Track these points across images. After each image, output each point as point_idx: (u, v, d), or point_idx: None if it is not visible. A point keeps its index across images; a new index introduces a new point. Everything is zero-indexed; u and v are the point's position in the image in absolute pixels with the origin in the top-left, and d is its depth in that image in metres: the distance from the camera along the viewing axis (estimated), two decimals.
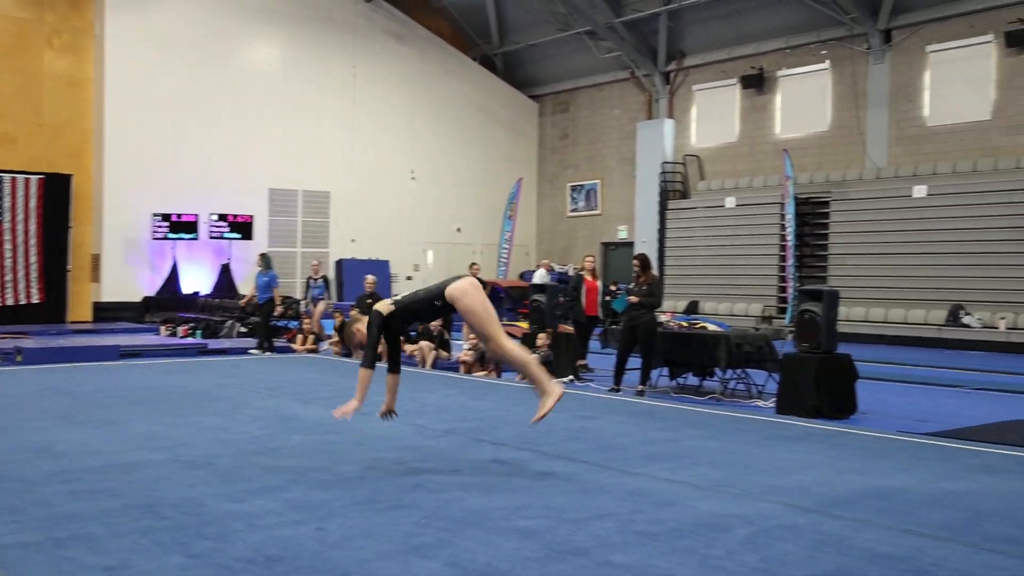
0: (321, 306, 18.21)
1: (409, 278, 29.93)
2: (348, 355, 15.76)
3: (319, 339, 17.46)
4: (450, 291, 6.12)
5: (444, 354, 14.41)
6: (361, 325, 6.31)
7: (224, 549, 4.28)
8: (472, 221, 31.46)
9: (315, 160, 27.84)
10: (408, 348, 14.68)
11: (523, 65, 32.94)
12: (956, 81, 22.03)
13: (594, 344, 14.82)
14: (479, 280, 6.04)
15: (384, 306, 6.19)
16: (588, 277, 14.37)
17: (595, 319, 14.51)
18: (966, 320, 20.06)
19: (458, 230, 31.31)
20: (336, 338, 16.31)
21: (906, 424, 9.19)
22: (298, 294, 22.97)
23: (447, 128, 30.94)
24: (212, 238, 25.38)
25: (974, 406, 11.14)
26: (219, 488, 5.49)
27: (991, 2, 21.39)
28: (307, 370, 12.75)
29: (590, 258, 15.00)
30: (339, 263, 28.29)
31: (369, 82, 29.19)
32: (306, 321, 17.51)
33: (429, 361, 14.17)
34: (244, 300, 19.35)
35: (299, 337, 17.44)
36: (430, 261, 30.72)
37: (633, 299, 11.56)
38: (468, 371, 13.49)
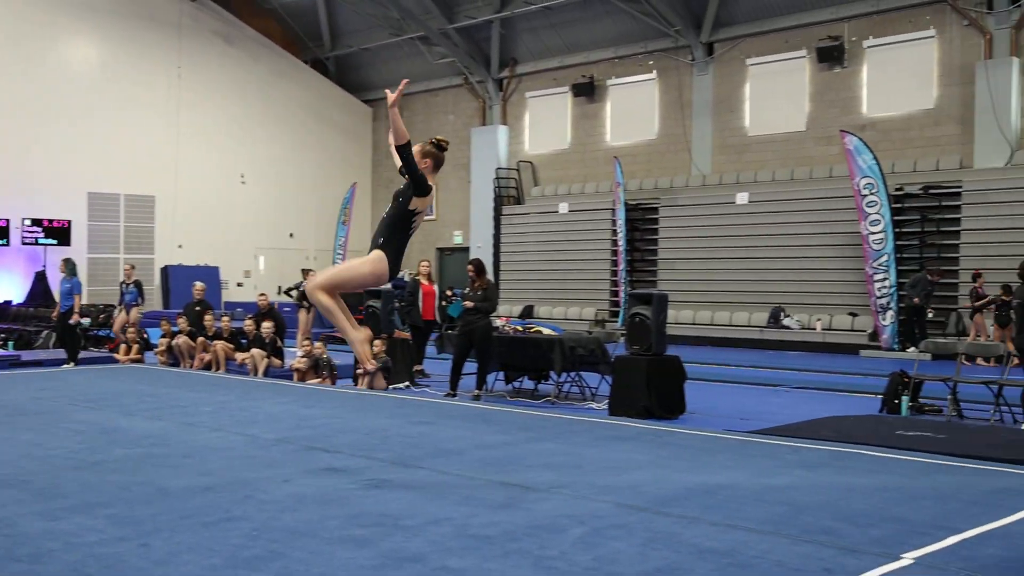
0: (134, 313, 17.31)
1: (240, 284, 29.15)
2: (176, 364, 15.19)
3: (146, 348, 16.76)
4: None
5: (277, 362, 14.08)
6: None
7: (39, 571, 4.03)
8: (306, 226, 30.91)
9: (139, 163, 26.69)
10: (239, 357, 14.27)
11: (356, 69, 32.64)
12: (774, 93, 23.16)
13: (430, 349, 14.80)
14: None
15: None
16: (424, 282, 14.37)
17: (432, 324, 14.50)
18: (786, 322, 21.09)
19: (291, 235, 30.69)
20: (162, 347, 15.69)
21: (731, 423, 9.56)
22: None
23: (279, 132, 30.31)
24: (25, 244, 23.98)
25: (793, 404, 11.70)
26: (33, 507, 5.18)
27: (804, 19, 22.62)
28: (131, 381, 12.20)
29: (425, 263, 15.01)
30: (165, 269, 27.25)
31: (196, 83, 28.26)
32: (131, 330, 16.76)
33: (261, 369, 13.82)
34: (55, 311, 18.32)
35: (122, 347, 16.68)
36: (262, 267, 30.00)
37: (468, 304, 11.61)
38: (302, 379, 13.22)
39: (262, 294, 16.11)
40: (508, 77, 28.63)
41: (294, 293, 19.53)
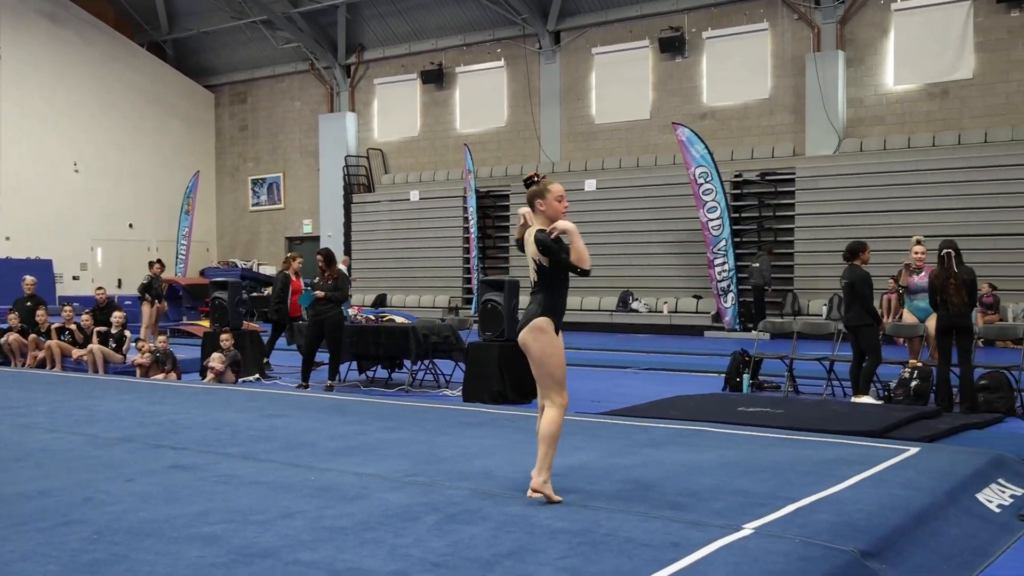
0: None
1: (76, 278, 27.88)
2: (6, 363, 14.42)
3: None
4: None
5: (118, 357, 13.55)
6: None
7: None
8: (146, 217, 29.80)
9: None
10: (76, 353, 13.67)
11: (196, 53, 31.62)
12: (619, 82, 23.69)
13: (280, 341, 14.52)
14: (157, 280, 5.59)
15: None
16: (294, 277, 13.57)
17: (298, 320, 13.82)
18: (635, 305, 21.66)
19: (130, 226, 29.54)
20: None
21: (583, 405, 9.76)
22: None
23: (115, 118, 29.09)
24: None
25: (642, 385, 12.04)
26: None
27: (646, 10, 23.22)
28: None
29: (298, 256, 14.05)
30: None
31: (21, 65, 26.81)
32: None
33: (101, 365, 13.27)
34: None
35: None
36: (99, 260, 28.76)
37: (319, 294, 11.44)
38: (145, 374, 12.77)
39: (100, 288, 15.46)
40: (355, 63, 28.31)
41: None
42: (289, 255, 13.77)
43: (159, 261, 18.34)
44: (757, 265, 19.25)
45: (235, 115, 31.74)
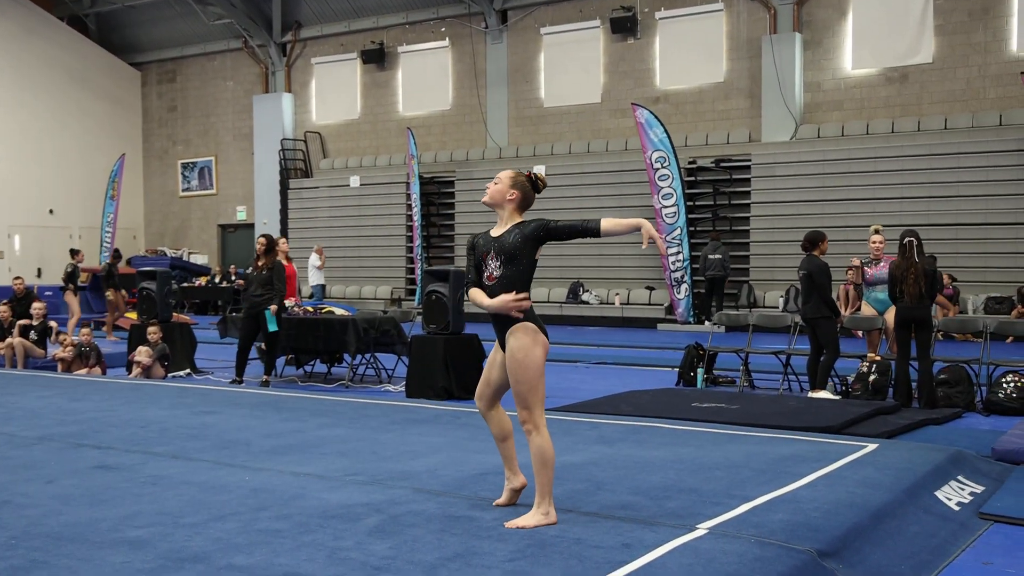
0: None
1: None
2: None
3: None
4: None
5: (39, 351, 13.30)
6: None
7: None
8: (68, 202, 29.23)
9: None
10: None
11: (121, 28, 31.06)
12: (568, 64, 23.72)
13: (212, 334, 14.37)
14: (77, 268, 5.43)
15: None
16: (284, 262, 12.75)
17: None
18: (585, 297, 21.76)
19: (51, 212, 28.96)
20: None
21: None
22: None
23: (33, 97, 28.47)
24: None
25: (592, 380, 12.10)
26: None
27: None
28: None
29: (283, 240, 13.51)
30: None
31: None
32: None
33: (21, 360, 13.02)
34: None
35: None
36: (17, 248, 28.18)
37: (274, 308, 11.23)
38: (67, 369, 12.56)
39: (17, 277, 15.17)
40: (292, 42, 28.01)
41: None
42: (275, 239, 13.29)
43: (79, 252, 18.11)
44: (719, 256, 19.28)
45: (163, 95, 31.25)
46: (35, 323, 13.52)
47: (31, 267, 27.35)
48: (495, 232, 4.98)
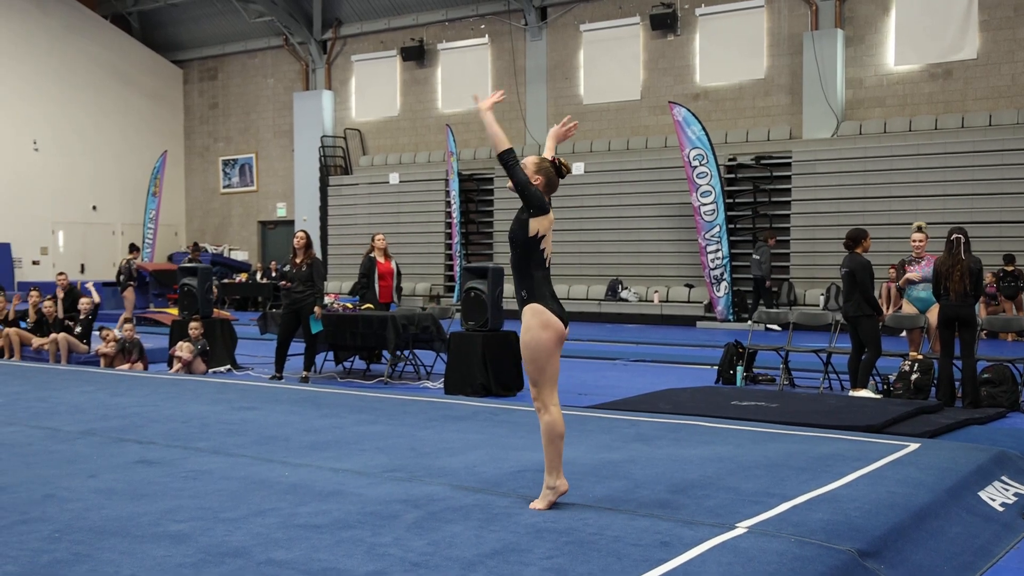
0: None
1: (36, 263, 27.70)
2: None
3: None
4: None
5: (82, 347, 13.48)
6: None
7: None
8: (111, 198, 29.61)
9: None
10: (36, 342, 13.58)
11: (163, 27, 31.38)
12: (608, 61, 23.65)
13: (252, 330, 14.48)
14: (131, 264, 5.48)
15: None
16: (380, 259, 12.89)
17: (389, 307, 13.06)
18: (624, 294, 21.69)
19: (94, 208, 29.35)
20: None
21: (569, 398, 9.76)
22: None
23: (77, 94, 28.84)
24: None
25: (631, 377, 12.06)
26: None
27: None
28: None
29: (380, 237, 13.20)
30: None
31: None
32: None
33: (64, 355, 13.20)
34: None
35: None
36: (61, 244, 28.57)
37: (318, 311, 11.38)
38: (110, 364, 12.71)
39: (61, 273, 15.37)
40: (332, 39, 28.16)
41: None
42: (372, 236, 13.12)
43: (136, 248, 18.51)
44: (757, 257, 19.21)
45: (205, 92, 31.55)
46: (80, 318, 13.69)
47: (75, 263, 27.72)
48: None
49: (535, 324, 4.97)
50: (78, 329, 13.59)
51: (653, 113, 22.98)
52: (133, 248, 19.76)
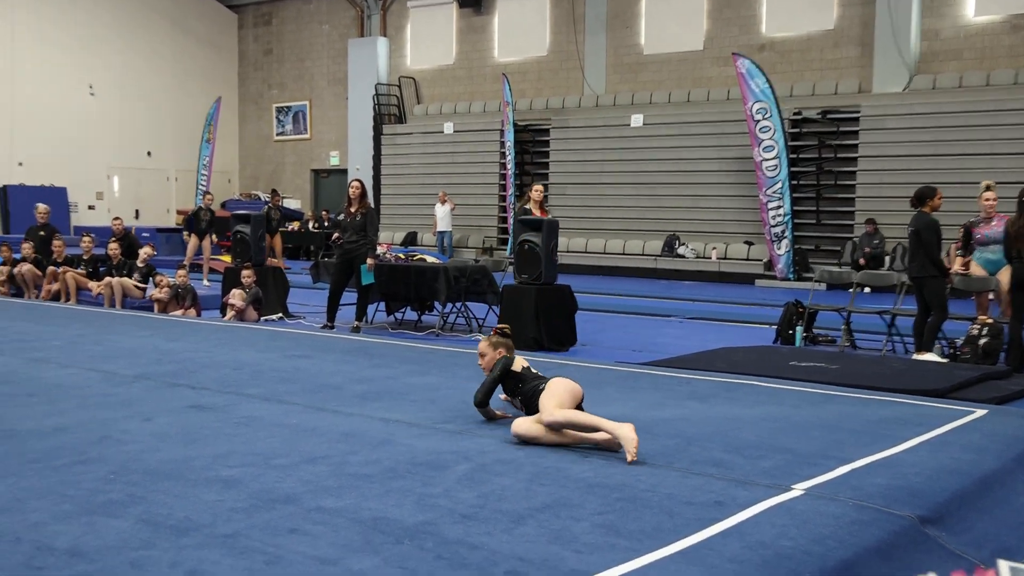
0: None
1: (91, 207, 28.18)
2: (19, 294, 14.65)
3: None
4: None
5: (136, 292, 13.71)
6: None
7: None
8: (165, 144, 29.96)
9: None
10: (94, 287, 13.83)
11: None
12: (670, 9, 23.30)
13: (305, 279, 14.62)
14: (199, 211, 5.53)
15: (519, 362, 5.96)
16: (536, 212, 11.85)
17: None
18: (681, 250, 21.54)
19: (148, 154, 29.72)
20: (2, 276, 15.05)
21: (623, 355, 9.76)
22: None
23: (132, 39, 29.11)
24: None
25: (686, 335, 12.00)
26: None
27: None
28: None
29: (539, 188, 12.38)
30: (3, 189, 26.12)
31: None
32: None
33: (119, 299, 13.44)
34: None
35: None
36: (116, 189, 29.02)
37: (370, 263, 11.41)
38: (163, 310, 12.92)
39: (116, 218, 15.61)
40: None
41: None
42: (528, 188, 12.70)
43: (209, 194, 18.82)
44: (856, 241, 18.93)
45: (259, 38, 31.66)
46: (140, 264, 13.92)
47: (129, 208, 28.14)
48: None
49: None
50: (136, 275, 13.81)
51: (716, 64, 22.63)
52: (204, 194, 20.02)
